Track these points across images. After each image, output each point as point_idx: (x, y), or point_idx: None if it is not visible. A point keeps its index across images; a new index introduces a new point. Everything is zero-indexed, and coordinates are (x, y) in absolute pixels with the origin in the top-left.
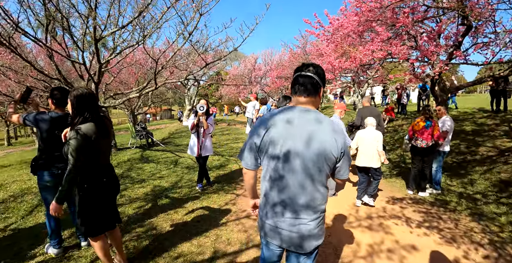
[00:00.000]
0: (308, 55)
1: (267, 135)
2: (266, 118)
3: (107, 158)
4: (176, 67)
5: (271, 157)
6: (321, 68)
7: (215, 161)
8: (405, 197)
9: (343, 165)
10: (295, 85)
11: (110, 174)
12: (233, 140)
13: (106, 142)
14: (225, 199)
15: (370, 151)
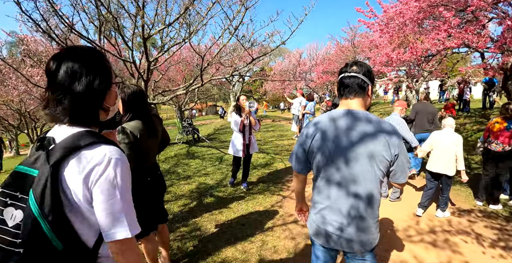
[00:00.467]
0: (357, 48)
1: (315, 139)
2: (314, 122)
3: (153, 157)
4: (222, 63)
5: (320, 161)
6: (367, 65)
7: (260, 159)
8: (473, 209)
9: (398, 168)
10: (340, 88)
11: (155, 173)
12: (278, 137)
13: (153, 141)
14: (271, 201)
15: (448, 157)
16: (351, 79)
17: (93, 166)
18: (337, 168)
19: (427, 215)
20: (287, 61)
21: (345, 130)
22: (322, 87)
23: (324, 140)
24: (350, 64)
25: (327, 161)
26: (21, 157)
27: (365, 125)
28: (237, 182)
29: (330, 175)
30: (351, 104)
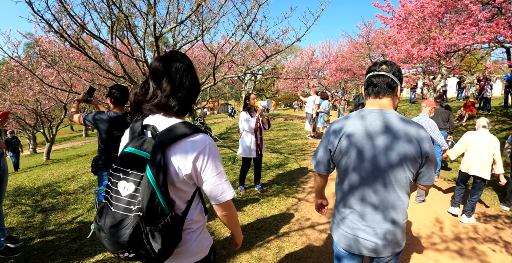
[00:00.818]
0: (371, 44)
1: (343, 140)
2: (340, 121)
3: None
4: (234, 62)
5: (347, 163)
6: (396, 65)
7: (273, 159)
8: (500, 215)
9: (427, 170)
10: (369, 87)
11: None
12: (292, 136)
13: None
14: (286, 204)
15: (484, 159)
16: (380, 78)
17: (199, 150)
18: (366, 170)
19: (451, 221)
20: (299, 58)
21: (375, 131)
22: (335, 85)
23: (353, 141)
24: (380, 63)
25: (355, 162)
26: (38, 155)
27: (396, 126)
28: (248, 185)
29: (358, 177)
30: (380, 104)
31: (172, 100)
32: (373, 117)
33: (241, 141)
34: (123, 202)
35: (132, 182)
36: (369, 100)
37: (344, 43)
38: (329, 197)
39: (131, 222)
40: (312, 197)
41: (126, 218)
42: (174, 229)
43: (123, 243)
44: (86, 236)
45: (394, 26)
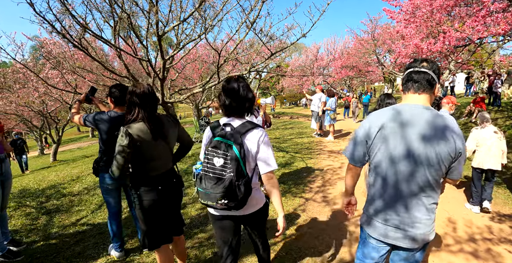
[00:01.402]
0: (376, 40)
1: (379, 134)
2: (378, 114)
3: (164, 164)
4: (238, 60)
5: (382, 156)
6: (436, 63)
7: (279, 158)
8: None
9: (458, 165)
10: (408, 82)
11: (169, 181)
12: (298, 135)
13: (161, 146)
14: (293, 204)
15: (496, 152)
16: (421, 74)
17: (259, 137)
18: (402, 163)
19: (464, 221)
20: (304, 56)
21: (413, 126)
22: (340, 82)
23: (390, 134)
24: (420, 60)
25: (391, 155)
26: (45, 157)
27: (433, 122)
28: None
29: (393, 170)
30: (418, 100)
31: (241, 107)
32: (411, 112)
33: None
34: (218, 170)
35: (222, 158)
36: (407, 95)
37: (349, 40)
38: (337, 197)
39: (225, 180)
40: (320, 197)
41: (221, 179)
42: (248, 185)
43: (222, 193)
44: (89, 238)
45: (401, 21)
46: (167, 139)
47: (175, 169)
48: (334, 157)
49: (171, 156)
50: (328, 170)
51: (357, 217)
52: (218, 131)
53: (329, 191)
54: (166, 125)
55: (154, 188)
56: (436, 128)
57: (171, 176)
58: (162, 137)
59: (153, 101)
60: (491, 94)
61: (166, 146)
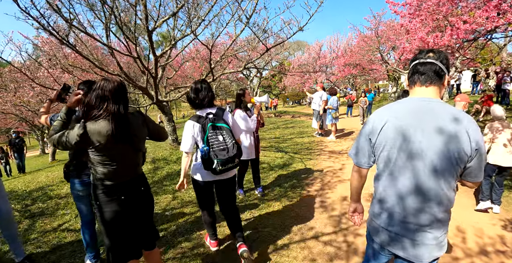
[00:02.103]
0: (380, 37)
1: (385, 130)
2: (382, 110)
3: (130, 170)
4: (237, 57)
5: (388, 155)
6: (444, 53)
7: (277, 159)
8: None
9: (476, 165)
10: (414, 75)
11: (135, 189)
12: (298, 134)
13: (124, 149)
14: (288, 210)
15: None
16: (427, 65)
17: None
18: (410, 162)
19: (474, 230)
20: (306, 54)
21: (422, 121)
22: (343, 80)
23: (397, 131)
24: (426, 51)
25: (398, 154)
26: (46, 156)
27: (444, 116)
28: (248, 187)
29: (402, 171)
30: (426, 93)
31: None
32: (419, 106)
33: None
34: (221, 144)
35: (220, 135)
36: (414, 88)
37: (352, 37)
38: (335, 202)
39: (232, 146)
40: (317, 202)
41: (229, 146)
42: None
43: (236, 154)
44: (67, 245)
45: (406, 16)
46: (133, 142)
47: (144, 175)
48: (335, 158)
49: (139, 161)
50: (328, 172)
51: (356, 226)
52: (203, 120)
53: (328, 195)
54: (134, 125)
55: (116, 198)
56: (447, 123)
57: (139, 184)
58: (127, 140)
59: (125, 97)
60: (499, 92)
61: (131, 150)
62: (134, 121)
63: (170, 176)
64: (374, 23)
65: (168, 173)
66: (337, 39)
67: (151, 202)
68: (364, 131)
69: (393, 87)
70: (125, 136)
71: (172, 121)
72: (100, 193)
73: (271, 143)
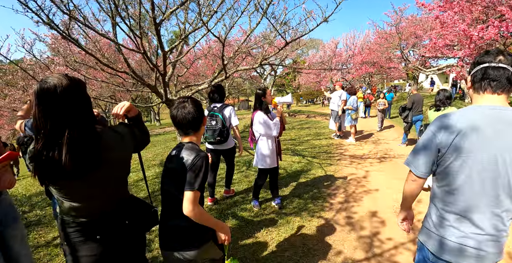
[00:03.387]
0: (401, 34)
1: (457, 138)
2: (451, 116)
3: (101, 204)
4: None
5: (460, 165)
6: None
7: (294, 164)
8: None
9: None
10: (484, 80)
11: (114, 225)
12: (315, 135)
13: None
14: (310, 227)
15: None
16: (500, 71)
17: (229, 111)
18: (485, 174)
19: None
20: (322, 52)
21: (498, 131)
22: (359, 79)
23: (470, 140)
24: (495, 53)
25: (471, 165)
26: None
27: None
28: (264, 197)
29: (471, 182)
30: (498, 101)
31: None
32: (493, 115)
33: (258, 149)
34: (214, 126)
35: (214, 120)
36: (482, 95)
37: (370, 34)
38: (364, 218)
39: (219, 129)
40: (343, 218)
41: (217, 129)
42: (227, 131)
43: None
44: None
45: (435, 9)
46: (109, 169)
47: (133, 199)
48: (357, 164)
49: (118, 189)
50: (352, 181)
51: (391, 252)
52: (210, 109)
53: (354, 209)
54: (109, 146)
55: (89, 238)
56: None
57: (121, 217)
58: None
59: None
60: None
61: (105, 180)
62: (109, 141)
63: None
64: (395, 19)
65: None
66: (354, 37)
67: (141, 239)
68: (427, 138)
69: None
70: (85, 167)
71: None
72: (68, 232)
73: (286, 145)
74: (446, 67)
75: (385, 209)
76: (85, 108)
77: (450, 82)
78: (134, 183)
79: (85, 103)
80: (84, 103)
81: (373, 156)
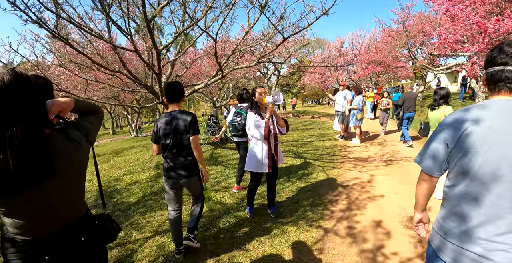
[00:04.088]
0: (408, 31)
1: (465, 134)
2: (460, 113)
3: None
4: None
5: (469, 163)
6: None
7: (296, 167)
8: None
9: None
10: (499, 82)
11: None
12: (319, 137)
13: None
14: (307, 238)
15: None
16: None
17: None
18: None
19: None
20: (327, 51)
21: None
22: (365, 79)
23: (479, 137)
24: (510, 53)
25: (481, 162)
26: None
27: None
28: (259, 204)
29: (486, 182)
30: None
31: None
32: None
33: (250, 150)
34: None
35: (239, 117)
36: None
37: (376, 33)
38: (367, 229)
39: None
40: (343, 228)
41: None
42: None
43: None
44: None
45: (444, 3)
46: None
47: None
48: (361, 167)
49: (71, 203)
50: (355, 186)
51: None
52: (238, 107)
53: (357, 218)
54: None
55: (36, 259)
56: None
57: (76, 233)
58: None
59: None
60: None
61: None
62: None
63: None
64: (402, 16)
65: None
66: (360, 36)
67: (102, 255)
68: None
69: (420, 86)
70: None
71: None
72: (10, 253)
73: (288, 147)
74: (455, 65)
75: (391, 218)
76: (31, 108)
77: (459, 82)
78: (126, 186)
79: (32, 102)
80: (31, 103)
81: (378, 159)
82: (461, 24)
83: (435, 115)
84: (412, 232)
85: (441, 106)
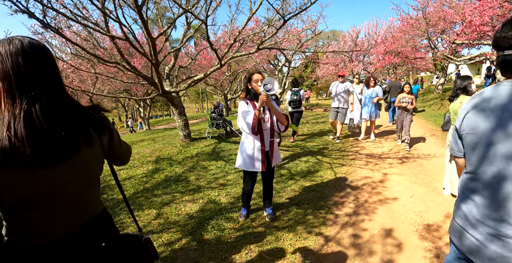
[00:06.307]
0: (428, 19)
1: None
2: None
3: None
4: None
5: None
6: None
7: (301, 163)
8: None
9: None
10: None
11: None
12: (329, 131)
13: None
14: (304, 246)
15: None
16: None
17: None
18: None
19: None
20: (342, 43)
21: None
22: (382, 71)
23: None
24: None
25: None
26: None
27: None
28: (256, 204)
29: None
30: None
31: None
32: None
33: (240, 146)
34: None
35: (295, 96)
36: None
37: (394, 20)
38: (374, 238)
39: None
40: (347, 236)
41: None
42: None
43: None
44: None
45: None
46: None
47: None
48: (373, 165)
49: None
50: (365, 186)
51: None
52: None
53: (364, 224)
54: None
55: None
56: None
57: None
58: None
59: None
60: None
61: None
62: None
63: (167, 182)
64: (422, 2)
65: (166, 178)
66: (377, 25)
67: None
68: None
69: (440, 78)
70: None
71: (184, 115)
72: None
73: (296, 142)
74: (479, 55)
75: (404, 226)
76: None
77: (483, 73)
78: (120, 182)
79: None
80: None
81: (393, 156)
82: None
83: (453, 106)
84: (428, 244)
85: (457, 97)
